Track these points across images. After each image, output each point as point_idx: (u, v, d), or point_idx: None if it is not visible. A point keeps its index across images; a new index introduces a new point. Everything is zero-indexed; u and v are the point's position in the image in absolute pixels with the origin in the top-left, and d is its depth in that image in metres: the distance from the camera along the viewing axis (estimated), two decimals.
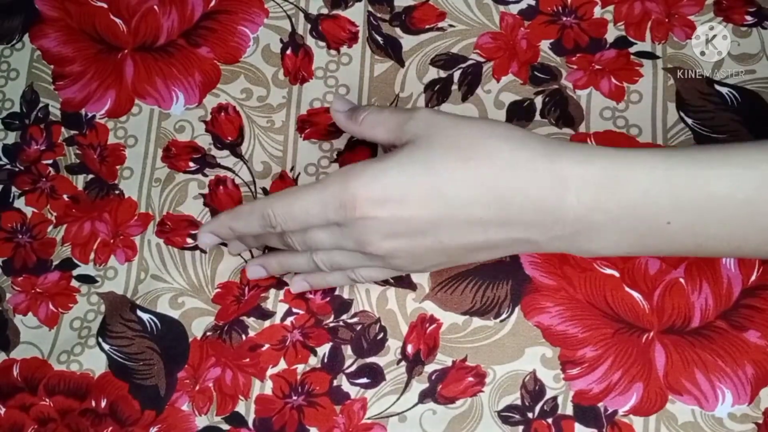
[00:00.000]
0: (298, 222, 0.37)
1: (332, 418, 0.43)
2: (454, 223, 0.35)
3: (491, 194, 0.34)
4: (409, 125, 0.36)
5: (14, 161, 0.50)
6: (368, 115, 0.39)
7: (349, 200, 0.35)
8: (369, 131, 0.39)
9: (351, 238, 0.37)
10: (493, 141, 0.34)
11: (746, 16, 0.44)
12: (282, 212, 0.37)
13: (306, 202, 0.36)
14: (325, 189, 0.36)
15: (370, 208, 0.35)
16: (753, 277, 0.41)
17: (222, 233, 0.41)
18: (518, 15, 0.47)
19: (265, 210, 0.38)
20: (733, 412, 0.40)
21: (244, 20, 0.49)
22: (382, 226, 0.35)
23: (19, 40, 0.52)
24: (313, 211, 0.36)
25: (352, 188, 0.35)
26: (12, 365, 0.47)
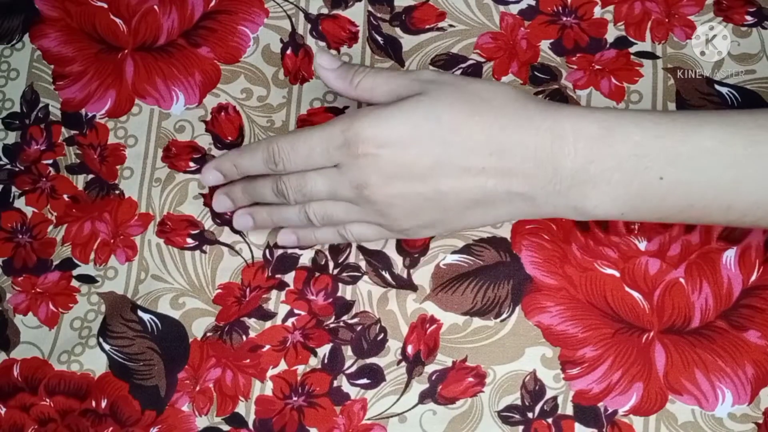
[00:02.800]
0: (301, 158, 0.38)
1: (332, 418, 0.43)
2: (455, 169, 0.36)
3: (493, 144, 0.35)
4: (417, 83, 0.37)
5: (14, 161, 0.50)
6: (365, 78, 0.38)
7: (353, 138, 0.36)
8: (366, 94, 0.38)
9: (348, 180, 0.37)
10: (497, 99, 0.36)
11: (746, 16, 0.44)
12: (287, 147, 0.38)
13: (311, 138, 0.37)
14: (331, 126, 0.37)
15: (372, 147, 0.36)
16: (753, 277, 0.41)
17: (226, 169, 0.42)
18: (518, 15, 0.47)
19: (270, 145, 0.38)
20: (733, 412, 0.40)
21: (245, 20, 0.49)
22: (382, 167, 0.36)
23: (19, 40, 0.52)
24: (317, 147, 0.37)
25: (356, 127, 0.36)
26: (12, 365, 0.47)
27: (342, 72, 0.39)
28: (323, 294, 0.44)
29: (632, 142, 0.34)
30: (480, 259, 0.43)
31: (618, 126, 0.35)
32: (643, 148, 0.34)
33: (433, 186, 0.36)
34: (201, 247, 0.46)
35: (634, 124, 0.35)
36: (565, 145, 0.35)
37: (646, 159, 0.34)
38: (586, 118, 0.35)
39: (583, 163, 0.35)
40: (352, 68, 0.39)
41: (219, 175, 0.42)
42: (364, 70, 0.39)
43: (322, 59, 0.39)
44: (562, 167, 0.35)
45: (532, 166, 0.35)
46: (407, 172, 0.36)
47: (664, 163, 0.34)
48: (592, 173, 0.35)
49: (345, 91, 0.39)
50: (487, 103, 0.36)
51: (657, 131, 0.34)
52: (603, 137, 0.35)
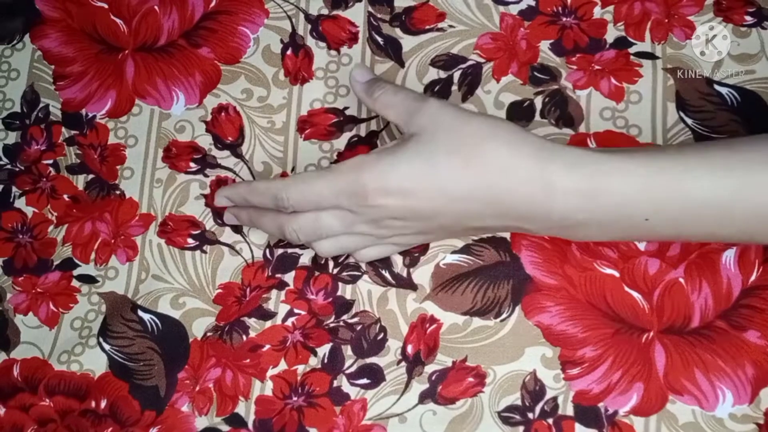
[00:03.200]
0: (310, 205, 0.40)
1: (332, 418, 0.43)
2: (455, 213, 0.38)
3: (488, 193, 0.37)
4: (417, 118, 0.39)
5: (15, 161, 0.50)
6: (383, 95, 0.41)
7: (361, 191, 0.38)
8: (381, 109, 0.41)
9: (363, 221, 0.40)
10: (492, 144, 0.37)
11: (746, 16, 0.44)
12: (295, 197, 0.40)
13: (320, 189, 0.39)
14: (338, 178, 0.39)
15: (380, 198, 0.38)
16: (753, 277, 0.41)
17: (236, 201, 0.44)
18: (518, 15, 0.47)
19: (279, 193, 0.40)
20: (733, 413, 0.40)
21: (245, 21, 0.49)
22: (391, 213, 0.39)
23: (19, 40, 0.52)
24: (327, 196, 0.39)
25: (363, 180, 0.38)
26: (12, 365, 0.47)
27: (367, 85, 0.42)
28: (323, 293, 0.44)
29: (619, 195, 0.36)
30: (480, 259, 0.43)
31: (605, 181, 0.36)
32: (629, 200, 0.36)
33: (437, 222, 0.39)
34: (201, 247, 0.47)
35: (620, 178, 0.36)
36: (555, 197, 0.37)
37: (633, 208, 0.36)
38: (574, 173, 0.36)
39: (573, 212, 0.37)
40: (377, 83, 0.42)
41: (229, 201, 0.44)
42: (384, 87, 0.41)
43: (357, 73, 0.43)
44: (553, 213, 0.37)
45: (525, 210, 0.37)
46: (413, 215, 0.39)
47: (651, 211, 0.36)
48: (581, 219, 0.37)
49: (366, 102, 0.42)
50: (480, 152, 0.37)
51: (643, 184, 0.36)
52: (590, 192, 0.36)
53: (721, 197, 0.35)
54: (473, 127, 0.38)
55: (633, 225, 0.37)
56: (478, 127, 0.38)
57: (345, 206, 0.39)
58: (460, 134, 0.38)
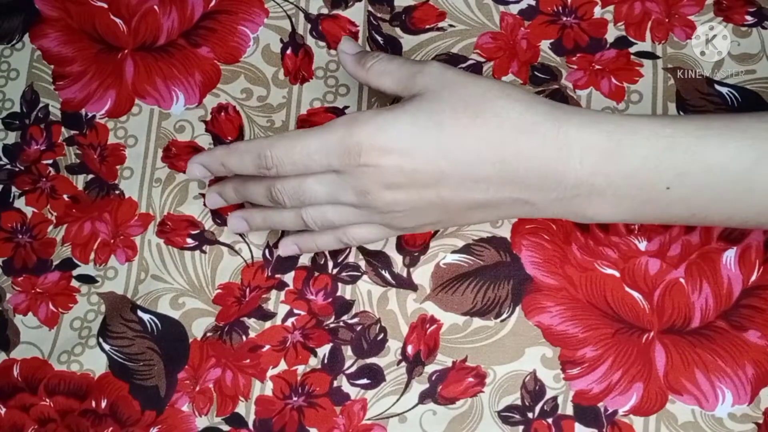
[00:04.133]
0: (297, 165, 0.36)
1: (332, 418, 0.43)
2: (458, 178, 0.35)
3: (496, 154, 0.34)
4: (420, 78, 0.36)
5: (14, 161, 0.50)
6: (376, 63, 0.38)
7: (354, 146, 0.35)
8: (375, 79, 0.38)
9: (350, 186, 0.36)
10: (502, 102, 0.35)
11: (746, 16, 0.44)
12: (281, 153, 0.36)
13: (308, 144, 0.36)
14: (329, 133, 0.35)
15: (374, 156, 0.35)
16: (753, 277, 0.41)
17: (213, 166, 0.40)
18: (518, 15, 0.47)
19: (263, 150, 0.37)
20: (733, 412, 0.40)
21: (245, 20, 0.49)
22: (384, 175, 0.35)
23: (19, 40, 0.52)
24: (315, 155, 0.36)
25: (357, 134, 0.35)
26: (12, 365, 0.47)
27: (359, 56, 0.39)
28: (323, 294, 0.44)
29: (641, 156, 0.34)
30: (480, 259, 0.43)
31: (626, 140, 0.34)
32: (652, 162, 0.34)
33: (436, 192, 0.36)
34: (201, 247, 0.47)
35: (643, 137, 0.34)
36: (571, 159, 0.34)
37: (654, 172, 0.34)
38: (594, 130, 0.34)
39: (589, 176, 0.34)
40: (369, 52, 0.39)
41: (204, 170, 0.41)
42: (378, 55, 0.38)
43: (345, 45, 0.40)
44: (566, 179, 0.35)
45: (536, 176, 0.35)
46: (410, 180, 0.35)
47: (672, 176, 0.34)
48: (597, 186, 0.35)
49: (358, 73, 0.39)
50: (490, 107, 0.34)
51: (667, 144, 0.33)
52: (611, 151, 0.34)
53: (743, 164, 0.33)
54: (482, 86, 0.35)
55: (651, 197, 0.34)
56: (488, 86, 0.35)
57: (335, 166, 0.36)
58: (468, 92, 0.35)
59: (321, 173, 0.37)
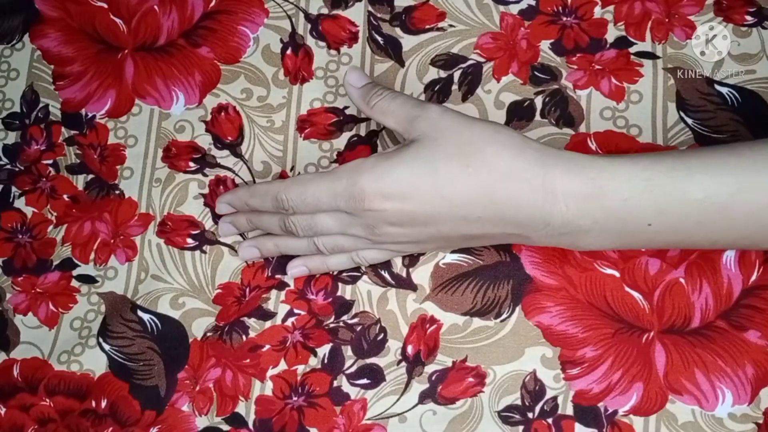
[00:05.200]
0: (310, 206, 0.40)
1: (332, 418, 0.43)
2: (453, 218, 0.38)
3: (487, 198, 0.37)
4: (418, 124, 0.39)
5: (14, 161, 0.50)
6: (381, 101, 0.41)
7: (358, 194, 0.38)
8: (378, 116, 0.41)
9: (358, 223, 0.40)
10: (492, 148, 0.37)
11: (746, 16, 0.44)
12: (295, 197, 0.40)
13: (318, 190, 0.39)
14: (336, 180, 0.39)
15: (377, 202, 0.38)
16: (753, 277, 0.41)
17: (237, 205, 0.44)
18: (518, 15, 0.47)
19: (279, 194, 0.40)
20: (733, 412, 0.40)
21: (245, 20, 0.49)
22: (387, 217, 0.38)
23: (19, 40, 0.52)
24: (325, 198, 0.39)
25: (361, 183, 0.38)
26: (12, 365, 0.47)
27: (364, 91, 0.42)
28: (323, 293, 0.44)
29: (621, 199, 0.36)
30: (480, 259, 0.43)
31: (607, 185, 0.36)
32: (632, 204, 0.36)
33: (435, 229, 0.39)
34: (201, 247, 0.47)
35: (623, 181, 0.36)
36: (556, 203, 0.36)
37: (635, 212, 0.36)
38: (577, 177, 0.36)
39: (574, 217, 0.37)
40: (374, 89, 0.41)
41: (230, 207, 0.45)
42: (381, 93, 0.41)
43: (351, 77, 0.42)
44: (553, 220, 0.37)
45: (525, 217, 0.37)
46: (411, 220, 0.38)
47: (653, 214, 0.36)
48: (583, 225, 0.37)
49: (362, 109, 0.42)
50: (481, 155, 0.37)
51: (645, 186, 0.36)
52: (593, 196, 0.36)
53: (721, 198, 0.35)
54: (475, 132, 0.38)
55: (635, 230, 0.37)
56: (480, 132, 0.38)
57: (343, 208, 0.39)
58: (462, 139, 0.37)
59: (331, 211, 0.40)
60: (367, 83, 0.42)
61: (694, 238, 0.37)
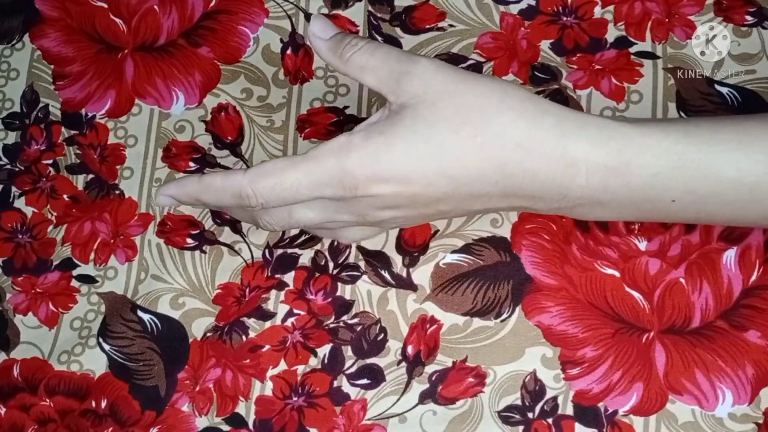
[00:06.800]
0: (287, 200, 0.34)
1: (332, 419, 0.43)
2: (458, 197, 0.34)
3: (499, 173, 0.33)
4: (408, 83, 0.33)
5: (14, 161, 0.50)
6: (357, 54, 0.33)
7: (348, 179, 0.32)
8: (355, 73, 0.34)
9: (345, 210, 0.35)
10: (502, 116, 0.32)
11: (746, 16, 0.44)
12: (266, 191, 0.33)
13: (294, 182, 0.33)
14: (318, 166, 0.33)
15: (372, 187, 0.32)
16: (753, 277, 0.41)
17: (185, 201, 0.37)
18: (518, 15, 0.47)
19: (243, 190, 0.33)
20: (733, 412, 0.40)
21: (245, 20, 0.49)
22: (383, 202, 0.34)
23: (19, 40, 0.52)
24: (305, 189, 0.33)
25: (350, 166, 0.32)
26: (12, 365, 0.47)
27: (334, 43, 0.34)
28: (322, 293, 0.44)
29: (649, 174, 0.32)
30: (480, 259, 0.43)
31: (636, 159, 0.32)
32: (660, 180, 0.32)
33: (435, 208, 0.35)
34: (201, 247, 0.47)
35: (652, 155, 0.32)
36: (577, 176, 0.33)
37: (661, 188, 0.33)
38: (602, 149, 0.32)
39: (595, 191, 0.33)
40: (346, 38, 0.34)
41: (174, 201, 0.38)
42: (357, 43, 0.34)
43: (315, 26, 0.35)
44: (570, 193, 0.33)
45: (539, 190, 0.33)
46: (409, 202, 0.34)
47: (680, 192, 0.33)
48: (602, 199, 0.34)
49: (334, 65, 0.35)
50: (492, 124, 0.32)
51: (676, 162, 0.32)
52: (618, 169, 0.32)
53: (754, 176, 0.32)
54: (479, 94, 0.32)
55: (656, 206, 0.34)
56: (486, 95, 0.32)
57: (327, 197, 0.33)
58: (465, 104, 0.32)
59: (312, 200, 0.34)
60: (337, 32, 0.35)
61: (713, 217, 0.34)
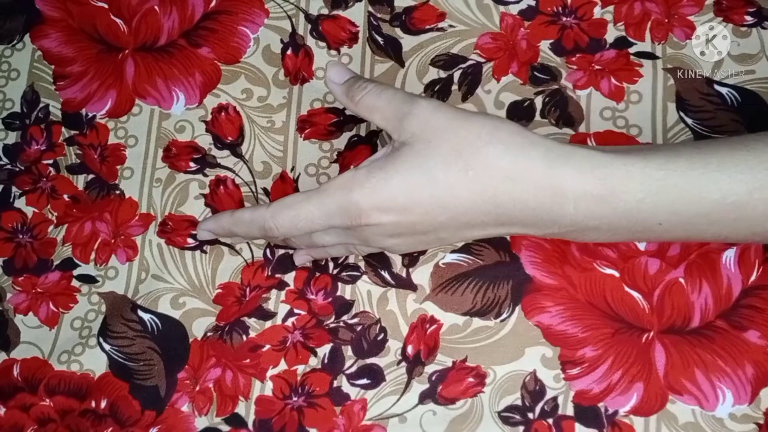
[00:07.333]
0: (303, 230, 0.38)
1: (332, 419, 0.43)
2: (455, 225, 0.37)
3: (491, 203, 0.35)
4: (408, 123, 0.36)
5: (15, 161, 0.50)
6: (366, 96, 0.38)
7: (353, 209, 0.36)
8: (365, 113, 0.38)
9: (354, 237, 0.39)
10: (493, 149, 0.35)
11: (746, 16, 0.44)
12: (285, 223, 0.38)
13: (310, 212, 0.37)
14: (328, 199, 0.37)
15: (374, 216, 0.36)
16: (753, 277, 0.41)
17: (221, 234, 0.43)
18: (518, 15, 0.47)
19: (266, 223, 0.39)
20: (733, 413, 0.40)
21: (245, 20, 0.49)
22: (385, 230, 0.37)
23: (19, 40, 0.52)
24: (317, 220, 0.37)
25: (355, 198, 0.36)
26: (12, 365, 0.47)
27: (346, 86, 0.39)
28: (322, 293, 0.44)
29: (634, 200, 0.34)
30: (479, 259, 0.43)
31: (620, 186, 0.34)
32: (646, 204, 0.34)
33: (435, 236, 0.38)
34: (201, 247, 0.47)
35: (636, 182, 0.34)
36: (565, 204, 0.35)
37: (647, 212, 0.34)
38: (587, 178, 0.34)
39: (584, 218, 0.35)
40: (357, 82, 0.39)
41: (212, 235, 0.43)
42: (366, 87, 0.38)
43: (332, 73, 0.40)
44: (561, 221, 0.35)
45: (530, 217, 0.35)
46: (409, 230, 0.37)
47: (667, 214, 0.34)
48: (592, 225, 0.35)
49: (347, 106, 0.39)
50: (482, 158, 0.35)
51: (659, 187, 0.34)
52: (604, 198, 0.34)
53: (737, 197, 0.33)
54: (472, 130, 0.35)
55: (645, 228, 0.35)
56: (478, 130, 0.35)
57: (338, 225, 0.37)
58: (458, 139, 0.35)
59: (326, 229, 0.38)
60: (349, 78, 0.39)
61: (704, 235, 0.36)
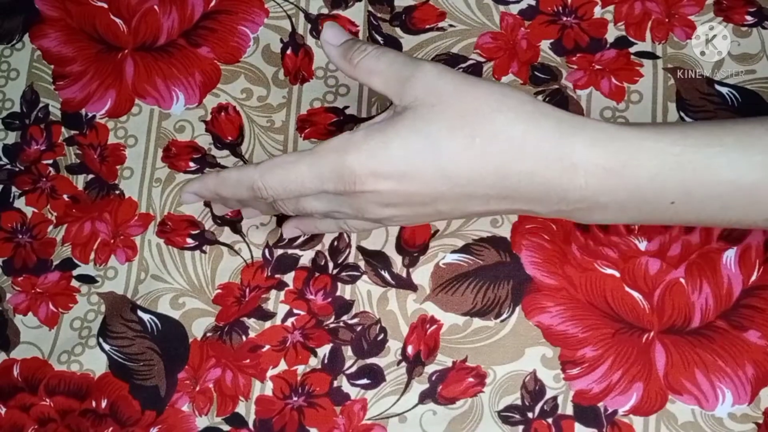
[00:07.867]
0: (293, 192, 0.36)
1: (332, 419, 0.43)
2: (456, 196, 0.34)
3: (497, 174, 0.33)
4: (411, 86, 0.34)
5: (14, 161, 0.50)
6: (365, 58, 0.35)
7: (348, 174, 0.34)
8: (364, 77, 0.36)
9: (347, 204, 0.36)
10: (502, 117, 0.33)
11: (746, 16, 0.44)
12: (275, 184, 0.35)
13: (300, 175, 0.35)
14: (321, 160, 0.34)
15: (370, 183, 0.33)
16: (753, 277, 0.41)
17: (206, 196, 0.40)
18: (518, 15, 0.47)
19: (255, 183, 0.36)
20: (733, 412, 0.40)
21: (245, 20, 0.49)
22: (381, 198, 0.34)
23: (19, 40, 0.52)
24: (308, 183, 0.35)
25: (350, 162, 0.33)
26: (12, 365, 0.47)
27: (344, 48, 0.36)
28: (322, 293, 0.44)
29: (647, 175, 0.32)
30: (480, 259, 0.43)
31: (634, 159, 0.32)
32: (658, 181, 0.32)
33: (433, 208, 0.35)
34: (201, 247, 0.47)
35: (650, 156, 0.32)
36: (576, 178, 0.33)
37: (660, 190, 0.33)
38: (600, 151, 0.32)
39: (593, 194, 0.33)
40: (356, 44, 0.36)
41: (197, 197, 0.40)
42: (365, 49, 0.36)
43: (328, 34, 0.37)
44: (569, 196, 0.33)
45: (537, 192, 0.33)
46: (407, 200, 0.34)
47: (679, 193, 0.33)
48: (601, 201, 0.33)
49: (344, 69, 0.36)
50: (489, 126, 0.33)
51: (674, 163, 0.32)
52: (616, 172, 0.32)
53: (752, 178, 0.32)
54: (479, 96, 0.33)
55: (656, 208, 0.33)
56: (486, 97, 0.33)
57: (330, 191, 0.35)
58: (464, 105, 0.33)
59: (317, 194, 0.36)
60: (347, 39, 0.37)
61: (716, 218, 0.34)
